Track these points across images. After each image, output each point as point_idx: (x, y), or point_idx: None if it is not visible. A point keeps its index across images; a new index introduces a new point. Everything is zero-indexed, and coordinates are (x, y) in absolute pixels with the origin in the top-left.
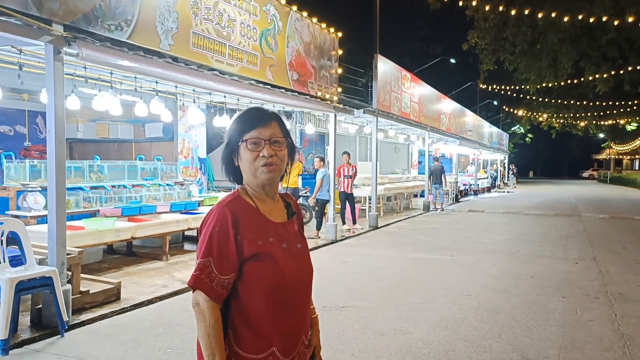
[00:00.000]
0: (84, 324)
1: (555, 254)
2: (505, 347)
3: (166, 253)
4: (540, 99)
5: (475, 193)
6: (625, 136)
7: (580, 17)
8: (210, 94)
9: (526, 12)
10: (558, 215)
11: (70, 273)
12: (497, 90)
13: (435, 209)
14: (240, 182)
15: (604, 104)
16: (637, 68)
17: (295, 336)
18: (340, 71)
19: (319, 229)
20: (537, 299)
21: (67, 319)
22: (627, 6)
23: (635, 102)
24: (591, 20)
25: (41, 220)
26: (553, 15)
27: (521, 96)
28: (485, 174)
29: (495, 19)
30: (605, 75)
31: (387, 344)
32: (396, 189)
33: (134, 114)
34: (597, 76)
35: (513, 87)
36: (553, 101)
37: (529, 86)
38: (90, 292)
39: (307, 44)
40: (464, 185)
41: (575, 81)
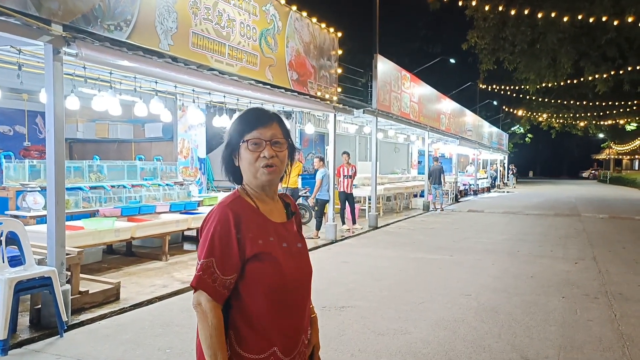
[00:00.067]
0: (83, 324)
1: (555, 253)
2: (505, 347)
3: (166, 253)
4: (540, 98)
5: (475, 193)
6: (625, 136)
7: (579, 17)
8: (209, 94)
9: (526, 12)
10: (558, 215)
11: (69, 273)
12: (496, 90)
13: (435, 209)
14: (240, 182)
15: (603, 104)
16: (637, 68)
17: (295, 336)
18: (340, 71)
19: (318, 229)
20: (537, 299)
21: (67, 319)
22: (626, 6)
23: (635, 102)
24: (591, 20)
25: (40, 220)
26: (553, 15)
27: (521, 96)
28: (485, 174)
29: (495, 18)
30: (604, 75)
31: (387, 344)
32: (396, 189)
33: (133, 114)
34: (596, 76)
35: (513, 87)
36: (553, 101)
37: (528, 86)
38: (90, 292)
39: (307, 43)
40: (464, 185)
41: (575, 81)
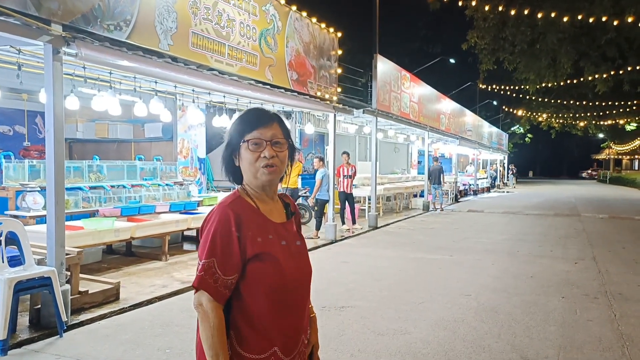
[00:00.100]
0: (82, 324)
1: (555, 253)
2: (505, 347)
3: (165, 253)
4: (540, 98)
5: (475, 193)
6: (625, 136)
7: (579, 17)
8: (209, 93)
9: (526, 12)
10: (557, 215)
11: (69, 273)
12: (496, 90)
13: (434, 209)
14: (240, 182)
15: (603, 104)
16: (637, 68)
17: (295, 335)
18: (339, 71)
19: (318, 229)
20: (537, 299)
21: (66, 319)
22: (626, 6)
23: (635, 102)
24: (591, 20)
25: (40, 220)
26: (552, 15)
27: (521, 96)
28: (485, 174)
29: (495, 18)
30: (604, 75)
31: (387, 344)
32: (396, 189)
33: (133, 114)
34: (596, 76)
35: (512, 87)
36: (552, 101)
37: (528, 86)
38: (89, 292)
39: (307, 43)
40: (464, 185)
41: (575, 81)
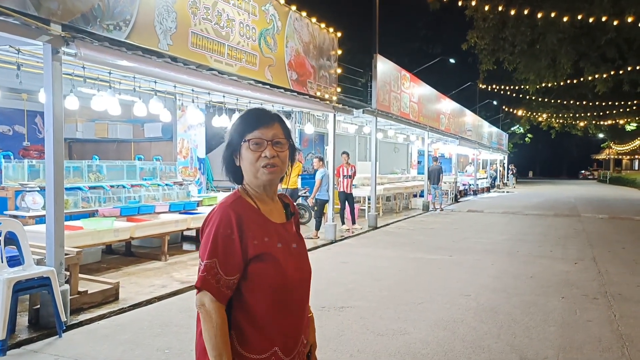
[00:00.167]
0: (82, 324)
1: (555, 254)
2: (504, 347)
3: (165, 253)
4: (540, 99)
5: (475, 193)
6: (625, 136)
7: (579, 17)
8: (209, 93)
9: (525, 12)
10: (557, 215)
11: (68, 273)
12: (496, 90)
13: (434, 209)
14: (241, 182)
15: (603, 104)
16: (637, 68)
17: (295, 335)
18: (339, 71)
19: (318, 229)
20: (536, 299)
21: (65, 319)
22: (626, 6)
23: (635, 102)
24: (590, 20)
25: (40, 220)
26: (552, 15)
27: (520, 96)
28: (485, 174)
29: (495, 19)
30: (604, 76)
31: (386, 345)
32: (395, 189)
33: (132, 113)
34: (596, 76)
35: (512, 87)
36: (552, 101)
37: (528, 86)
38: (89, 292)
39: (306, 43)
40: (464, 185)
41: (575, 81)
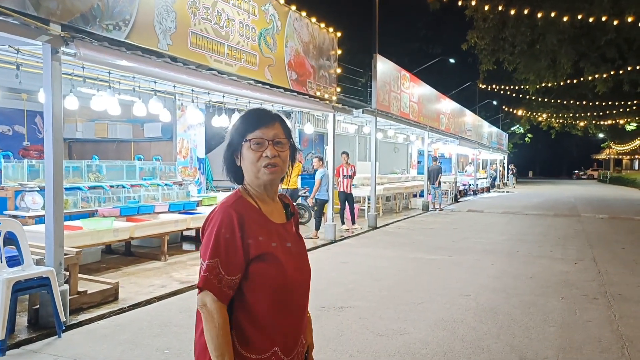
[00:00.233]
0: (81, 324)
1: (554, 254)
2: (504, 347)
3: (164, 253)
4: (540, 99)
5: (475, 193)
6: (625, 136)
7: (579, 17)
8: (208, 93)
9: (525, 12)
10: (557, 215)
11: (67, 273)
12: (496, 90)
13: (434, 208)
14: (241, 182)
15: (603, 104)
16: (636, 68)
17: (295, 335)
18: (339, 71)
19: (317, 229)
20: (536, 300)
21: (65, 319)
22: (626, 6)
23: (635, 102)
24: (590, 20)
25: (39, 220)
26: (552, 15)
27: (520, 96)
28: (485, 173)
29: (495, 19)
30: (604, 76)
31: (386, 345)
32: (395, 189)
33: (132, 113)
34: (596, 76)
35: (512, 87)
36: (552, 101)
37: (528, 86)
38: (88, 292)
39: (306, 43)
40: (463, 185)
41: (575, 81)
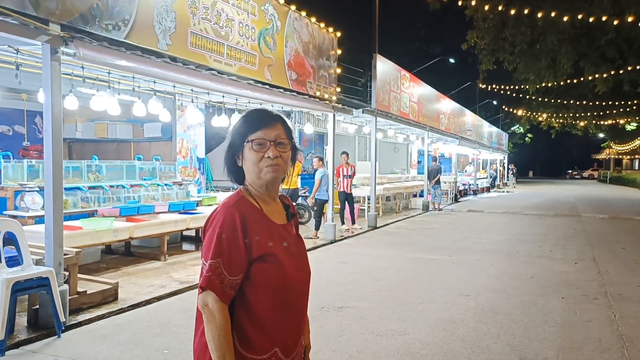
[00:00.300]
0: (81, 324)
1: (554, 254)
2: (504, 348)
3: (164, 253)
4: (540, 98)
5: (475, 193)
6: (625, 136)
7: (579, 17)
8: (208, 93)
9: (525, 12)
10: (557, 215)
11: (67, 273)
12: (496, 90)
13: (434, 208)
14: (242, 182)
15: (603, 103)
16: (637, 68)
17: (295, 336)
18: (339, 71)
19: (317, 229)
20: (536, 300)
21: (64, 319)
22: (626, 6)
23: (635, 102)
24: (590, 20)
25: (39, 220)
26: (552, 15)
27: (520, 96)
28: (485, 173)
29: (495, 19)
30: (604, 75)
31: (385, 345)
32: (395, 188)
33: (132, 113)
34: (596, 76)
35: (512, 87)
36: (552, 101)
37: (528, 86)
38: (88, 292)
39: (306, 43)
40: (463, 185)
41: (575, 81)
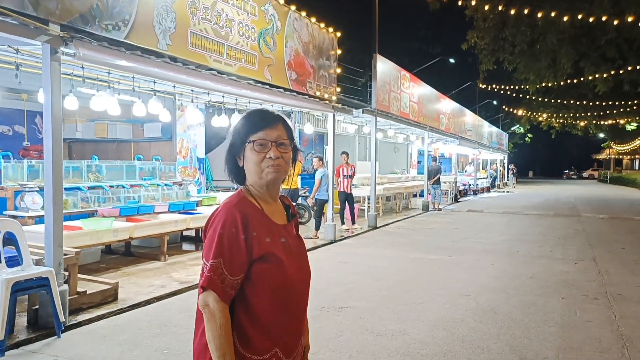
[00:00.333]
0: (80, 324)
1: (554, 254)
2: (504, 348)
3: (164, 253)
4: (540, 98)
5: (475, 193)
6: (625, 136)
7: (579, 17)
8: (208, 93)
9: (525, 12)
10: (557, 215)
11: (67, 273)
12: (496, 90)
13: (434, 208)
14: (242, 182)
15: (603, 103)
16: (637, 68)
17: (295, 336)
18: (339, 71)
19: (317, 229)
20: (536, 300)
21: (64, 319)
22: (626, 6)
23: (635, 102)
24: (590, 20)
25: (39, 220)
26: (552, 15)
27: (521, 96)
28: (485, 173)
29: (495, 18)
30: (604, 75)
31: (385, 345)
32: (395, 188)
33: (132, 113)
34: (596, 76)
35: (512, 87)
36: (553, 101)
37: (528, 86)
38: (88, 292)
39: (306, 43)
40: (463, 185)
41: (575, 81)
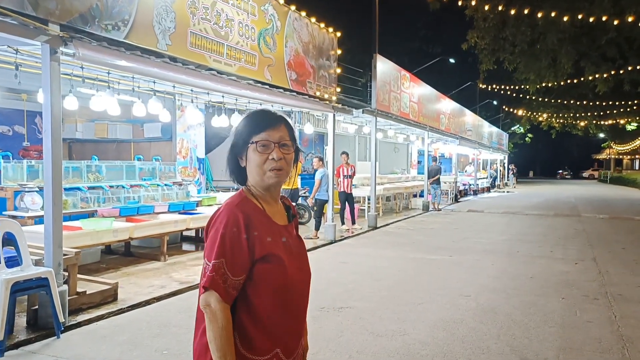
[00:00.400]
0: (80, 325)
1: (555, 254)
2: (504, 348)
3: (164, 253)
4: (540, 98)
5: (475, 193)
6: (625, 136)
7: (579, 16)
8: (208, 93)
9: (526, 11)
10: (557, 215)
11: (66, 274)
12: (496, 90)
13: (434, 209)
14: (244, 183)
15: (603, 103)
16: (637, 68)
17: (296, 337)
18: (339, 71)
19: (317, 229)
20: (536, 300)
21: (64, 320)
22: (626, 6)
23: (635, 101)
24: (591, 20)
25: (39, 220)
26: (553, 15)
27: (521, 96)
28: (485, 173)
29: (495, 18)
30: (605, 75)
31: (385, 346)
32: (395, 189)
33: (132, 114)
34: (597, 76)
35: (513, 87)
36: (553, 101)
37: (528, 86)
38: (87, 292)
39: (306, 43)
40: (464, 185)
41: (575, 81)
